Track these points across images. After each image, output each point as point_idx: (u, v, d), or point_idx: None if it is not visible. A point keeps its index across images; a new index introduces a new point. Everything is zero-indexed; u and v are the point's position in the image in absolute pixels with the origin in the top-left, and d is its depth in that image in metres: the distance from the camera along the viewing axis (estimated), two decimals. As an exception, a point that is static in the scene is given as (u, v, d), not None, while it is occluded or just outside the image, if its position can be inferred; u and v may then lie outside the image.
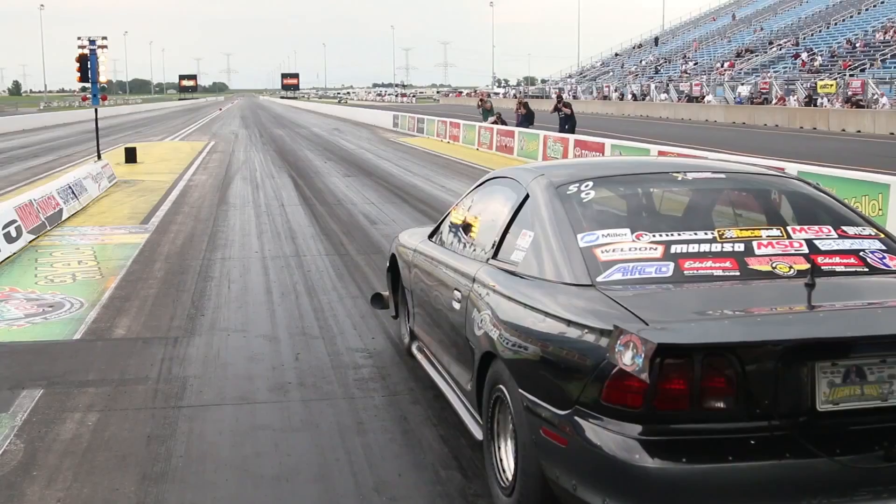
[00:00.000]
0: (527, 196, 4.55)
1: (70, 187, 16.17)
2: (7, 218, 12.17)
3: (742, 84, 58.04)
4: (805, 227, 4.12)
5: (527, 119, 29.78)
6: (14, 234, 12.14)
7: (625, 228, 4.02)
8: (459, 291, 4.83)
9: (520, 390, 3.78)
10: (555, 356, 3.57)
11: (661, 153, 18.16)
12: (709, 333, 3.21)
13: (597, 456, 3.24)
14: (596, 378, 3.27)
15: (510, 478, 4.03)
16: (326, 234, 13.39)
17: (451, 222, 5.75)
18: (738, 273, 3.73)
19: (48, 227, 13.71)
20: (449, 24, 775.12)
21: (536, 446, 3.64)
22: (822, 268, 3.77)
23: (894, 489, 3.14)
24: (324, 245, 12.42)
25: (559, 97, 31.36)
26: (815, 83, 49.97)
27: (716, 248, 3.85)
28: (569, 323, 3.53)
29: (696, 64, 73.09)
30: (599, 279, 3.73)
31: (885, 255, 3.96)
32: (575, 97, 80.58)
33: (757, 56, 65.53)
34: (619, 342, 3.17)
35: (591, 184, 4.43)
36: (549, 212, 4.27)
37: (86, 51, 21.92)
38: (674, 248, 3.84)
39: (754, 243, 3.90)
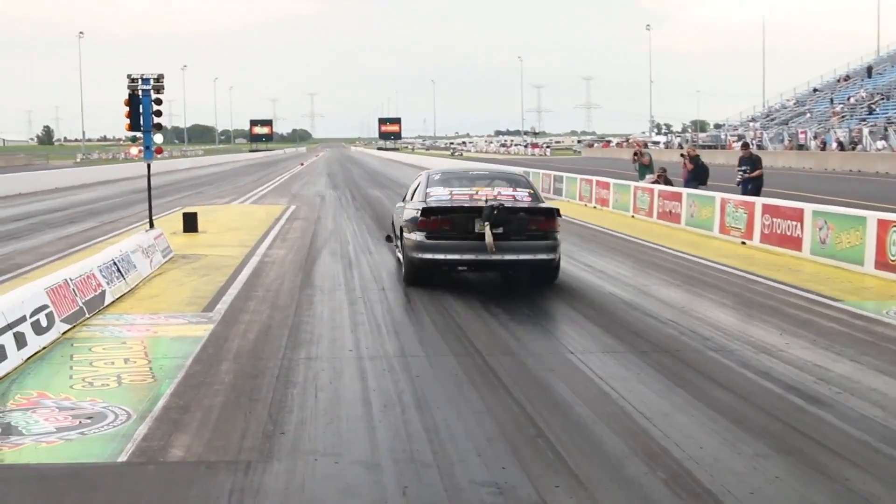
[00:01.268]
0: (420, 179, 18.38)
1: (115, 263, 16.54)
2: (36, 303, 12.48)
3: None
4: (504, 188, 17.12)
5: (697, 177, 29.49)
6: (44, 323, 12.43)
7: (441, 187, 17.31)
8: (400, 215, 18.06)
9: (403, 231, 16.93)
10: (410, 221, 16.44)
11: (882, 223, 17.69)
12: (440, 205, 16.18)
13: (413, 241, 16.06)
14: (415, 223, 16.08)
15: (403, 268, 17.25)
16: (439, 328, 13.37)
17: (406, 193, 19.17)
18: (469, 199, 16.40)
19: (87, 315, 14.02)
20: (592, 54, 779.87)
21: (403, 246, 16.78)
22: (497, 199, 16.08)
23: (502, 254, 15.55)
24: (437, 343, 12.44)
25: (745, 145, 30.69)
26: None
27: (467, 193, 16.79)
28: (414, 210, 16.50)
29: (924, 102, 71.68)
30: (428, 200, 16.52)
31: (525, 196, 16.75)
32: (760, 146, 79.87)
33: None
34: (419, 211, 16.07)
35: (440, 174, 18.64)
36: (421, 182, 17.84)
37: (137, 91, 22.34)
38: (454, 193, 16.83)
39: (480, 192, 16.73)
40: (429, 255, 15.84)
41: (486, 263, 15.89)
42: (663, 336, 12.68)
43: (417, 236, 15.91)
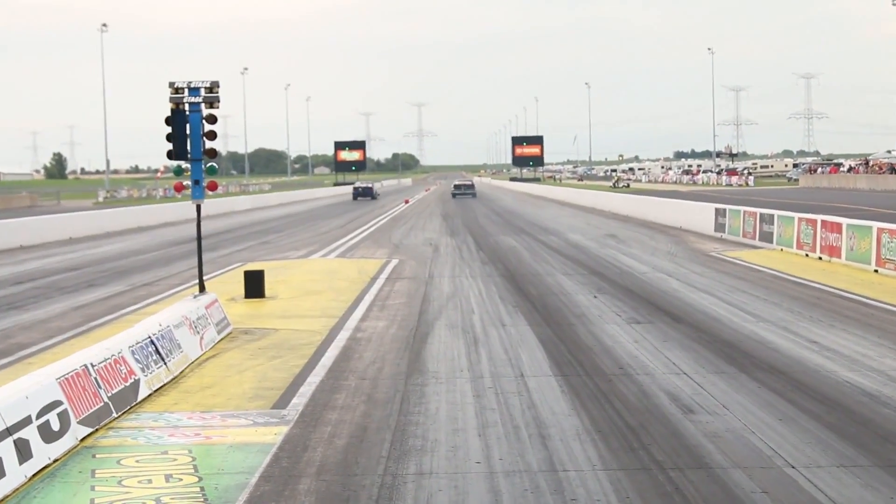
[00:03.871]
0: (453, 181, 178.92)
1: (153, 342, 16.73)
2: (45, 399, 12.61)
3: None
4: (466, 181, 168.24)
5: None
6: (56, 426, 12.59)
7: (458, 179, 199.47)
8: (449, 188, 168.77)
9: (452, 189, 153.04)
10: (451, 187, 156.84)
11: None
12: (456, 184, 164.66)
13: (452, 189, 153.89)
14: (452, 187, 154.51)
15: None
16: (601, 430, 13.32)
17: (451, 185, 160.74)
18: (461, 183, 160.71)
19: (114, 414, 14.21)
20: (810, 45, 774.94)
21: (452, 191, 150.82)
22: (463, 184, 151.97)
23: (464, 191, 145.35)
24: (599, 452, 12.38)
25: None
26: None
27: (461, 182, 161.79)
28: (452, 185, 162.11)
29: None
30: (454, 184, 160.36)
31: (471, 183, 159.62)
32: None
33: None
34: (454, 186, 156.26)
35: (457, 179, 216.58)
36: (454, 182, 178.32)
37: (182, 105, 22.18)
38: (456, 181, 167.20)
39: (461, 182, 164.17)
40: (454, 192, 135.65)
41: (461, 194, 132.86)
42: (926, 443, 12.52)
43: (453, 188, 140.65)
